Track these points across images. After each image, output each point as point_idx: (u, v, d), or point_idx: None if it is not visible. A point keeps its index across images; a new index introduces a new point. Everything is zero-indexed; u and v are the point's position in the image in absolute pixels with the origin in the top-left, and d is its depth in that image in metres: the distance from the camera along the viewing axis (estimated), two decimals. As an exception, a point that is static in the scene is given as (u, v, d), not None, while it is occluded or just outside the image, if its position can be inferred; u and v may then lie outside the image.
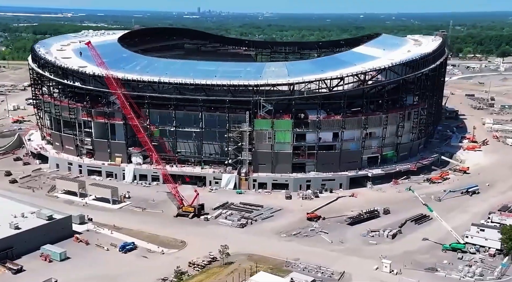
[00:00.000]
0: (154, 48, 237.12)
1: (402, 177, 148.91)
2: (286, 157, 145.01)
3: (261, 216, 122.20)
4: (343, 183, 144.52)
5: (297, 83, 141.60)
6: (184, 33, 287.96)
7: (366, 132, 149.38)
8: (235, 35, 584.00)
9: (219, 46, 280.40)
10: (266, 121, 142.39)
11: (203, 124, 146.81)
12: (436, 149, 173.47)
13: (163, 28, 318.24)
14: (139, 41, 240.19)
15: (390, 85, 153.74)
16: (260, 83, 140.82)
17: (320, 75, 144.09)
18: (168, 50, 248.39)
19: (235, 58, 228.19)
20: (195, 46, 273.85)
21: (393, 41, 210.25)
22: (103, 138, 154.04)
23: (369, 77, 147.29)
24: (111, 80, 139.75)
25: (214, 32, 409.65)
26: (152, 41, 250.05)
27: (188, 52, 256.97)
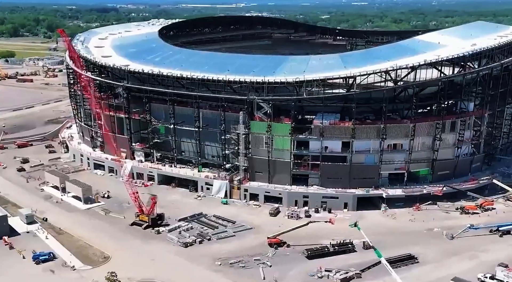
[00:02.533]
0: (235, 37, 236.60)
1: (427, 202, 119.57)
2: (285, 166, 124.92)
3: (220, 234, 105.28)
4: (348, 202, 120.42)
5: (297, 82, 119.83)
6: (270, 23, 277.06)
7: (388, 143, 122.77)
8: (412, 24, 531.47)
9: (305, 36, 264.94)
10: (263, 124, 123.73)
11: (200, 123, 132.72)
12: (503, 168, 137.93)
13: (248, 16, 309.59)
14: (224, 30, 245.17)
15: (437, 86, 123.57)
16: (257, 80, 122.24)
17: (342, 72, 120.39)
18: (253, 39, 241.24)
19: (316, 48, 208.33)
20: (285, 35, 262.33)
21: (486, 28, 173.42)
22: (111, 131, 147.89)
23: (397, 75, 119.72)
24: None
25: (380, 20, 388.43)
26: (236, 29, 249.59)
27: (276, 42, 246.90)
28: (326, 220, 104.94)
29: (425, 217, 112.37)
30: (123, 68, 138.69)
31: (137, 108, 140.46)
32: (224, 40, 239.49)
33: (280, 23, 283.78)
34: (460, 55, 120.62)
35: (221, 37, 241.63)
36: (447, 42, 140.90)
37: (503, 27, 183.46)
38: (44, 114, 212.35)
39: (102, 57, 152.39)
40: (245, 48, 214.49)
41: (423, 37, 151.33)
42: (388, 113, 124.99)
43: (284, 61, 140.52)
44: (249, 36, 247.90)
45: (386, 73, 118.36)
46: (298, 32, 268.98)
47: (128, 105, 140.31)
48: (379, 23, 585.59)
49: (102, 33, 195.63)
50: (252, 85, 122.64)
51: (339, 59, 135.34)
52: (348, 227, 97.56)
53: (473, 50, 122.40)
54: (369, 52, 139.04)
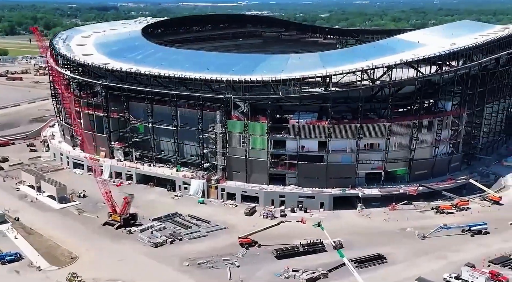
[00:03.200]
0: (225, 35, 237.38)
1: (403, 202, 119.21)
2: (262, 165, 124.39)
3: (193, 234, 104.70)
4: (324, 202, 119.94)
5: (273, 81, 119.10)
6: (260, 21, 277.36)
7: (365, 143, 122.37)
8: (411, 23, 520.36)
9: (296, 34, 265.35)
10: (240, 123, 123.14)
11: (178, 122, 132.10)
12: (482, 168, 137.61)
13: (239, 15, 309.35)
14: (214, 28, 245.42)
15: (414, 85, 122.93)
16: (233, 79, 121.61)
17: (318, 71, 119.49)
18: (244, 38, 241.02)
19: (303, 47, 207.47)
20: (275, 34, 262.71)
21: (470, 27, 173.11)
22: (91, 130, 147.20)
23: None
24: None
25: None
26: (226, 28, 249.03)
27: (267, 40, 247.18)
28: (298, 219, 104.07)
29: (399, 217, 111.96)
30: (102, 66, 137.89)
31: (116, 107, 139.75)
32: (213, 38, 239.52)
33: (270, 21, 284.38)
34: (436, 55, 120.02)
35: (211, 35, 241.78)
36: (427, 41, 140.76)
37: (488, 26, 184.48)
38: (30, 112, 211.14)
39: (82, 56, 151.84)
40: (235, 46, 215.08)
41: (404, 36, 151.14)
42: (365, 112, 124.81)
43: (264, 60, 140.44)
44: (240, 35, 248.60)
45: (363, 72, 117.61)
46: (289, 30, 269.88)
47: (106, 103, 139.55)
48: (379, 22, 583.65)
49: (86, 31, 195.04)
50: (229, 84, 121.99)
51: (318, 58, 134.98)
52: (312, 227, 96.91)
53: (450, 50, 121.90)
54: (349, 52, 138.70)
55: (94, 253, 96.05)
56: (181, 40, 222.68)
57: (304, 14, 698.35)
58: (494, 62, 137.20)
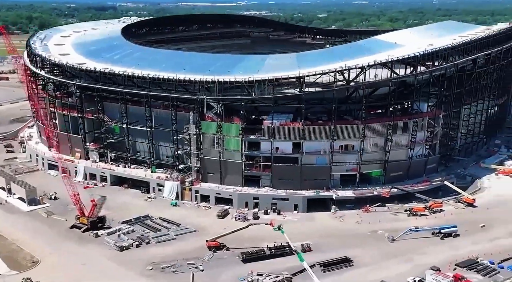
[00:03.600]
0: (212, 35, 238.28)
1: (376, 204, 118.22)
2: (236, 167, 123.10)
3: (161, 237, 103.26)
4: (298, 204, 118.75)
5: (247, 82, 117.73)
6: (248, 21, 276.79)
7: (340, 144, 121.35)
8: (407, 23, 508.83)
9: (284, 35, 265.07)
10: (214, 124, 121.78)
11: (153, 122, 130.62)
12: (459, 170, 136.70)
13: (227, 15, 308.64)
14: (200, 28, 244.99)
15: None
16: (206, 80, 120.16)
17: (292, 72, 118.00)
18: (232, 38, 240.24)
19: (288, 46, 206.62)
20: (264, 34, 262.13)
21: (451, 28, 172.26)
22: (66, 131, 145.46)
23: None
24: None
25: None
26: (213, 28, 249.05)
27: (255, 40, 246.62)
28: (267, 222, 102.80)
29: (372, 219, 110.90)
30: (76, 66, 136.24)
31: (91, 108, 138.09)
32: (200, 38, 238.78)
33: (259, 22, 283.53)
34: (411, 56, 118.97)
35: (198, 35, 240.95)
36: (405, 42, 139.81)
37: (470, 27, 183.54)
38: (11, 113, 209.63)
39: (59, 55, 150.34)
40: (222, 46, 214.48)
41: (382, 36, 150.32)
42: (341, 114, 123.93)
43: (241, 60, 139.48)
44: (227, 35, 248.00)
45: (336, 73, 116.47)
46: (277, 31, 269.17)
47: (81, 104, 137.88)
48: (375, 22, 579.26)
49: (67, 30, 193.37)
50: (202, 84, 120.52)
51: (295, 59, 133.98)
52: (273, 230, 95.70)
53: (424, 51, 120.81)
54: (326, 52, 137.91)
55: (57, 257, 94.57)
56: (166, 40, 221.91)
57: (302, 14, 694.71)
58: (471, 63, 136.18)
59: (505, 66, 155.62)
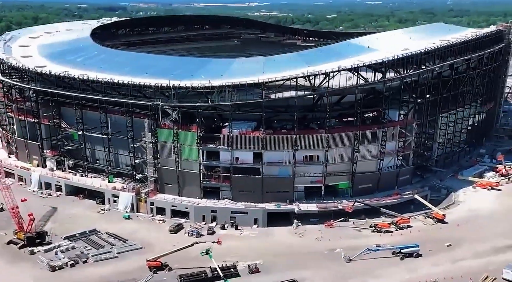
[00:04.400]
0: (199, 36, 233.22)
1: (340, 219, 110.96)
2: (194, 178, 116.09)
3: (101, 256, 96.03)
4: (258, 218, 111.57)
5: (203, 88, 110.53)
6: (238, 23, 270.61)
7: (304, 154, 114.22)
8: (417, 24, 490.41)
9: (273, 36, 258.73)
10: (170, 132, 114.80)
11: (109, 129, 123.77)
12: (435, 182, 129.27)
13: (215, 16, 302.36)
14: (187, 29, 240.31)
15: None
16: (161, 85, 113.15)
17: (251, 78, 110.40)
18: (221, 40, 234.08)
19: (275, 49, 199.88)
20: (253, 36, 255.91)
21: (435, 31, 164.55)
22: (23, 137, 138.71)
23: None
24: None
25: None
26: (200, 29, 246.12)
27: (245, 42, 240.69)
28: (214, 240, 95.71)
29: (333, 235, 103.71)
30: (32, 69, 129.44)
31: (48, 113, 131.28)
32: (187, 40, 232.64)
33: (248, 23, 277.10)
34: (378, 61, 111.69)
35: (184, 36, 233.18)
36: (379, 46, 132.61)
37: (458, 29, 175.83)
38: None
39: (21, 57, 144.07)
40: (211, 48, 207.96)
41: (357, 40, 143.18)
42: (308, 122, 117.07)
43: (207, 63, 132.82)
44: (216, 36, 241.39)
45: (302, 79, 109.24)
46: (267, 32, 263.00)
47: (37, 109, 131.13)
48: (383, 23, 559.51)
49: (38, 31, 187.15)
50: (158, 90, 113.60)
51: (262, 63, 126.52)
52: (200, 254, 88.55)
53: (393, 56, 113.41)
54: (296, 56, 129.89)
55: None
56: (147, 41, 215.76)
57: (312, 15, 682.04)
58: (447, 69, 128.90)
59: (489, 71, 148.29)
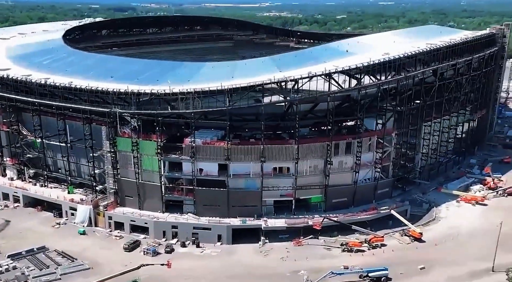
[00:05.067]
0: (189, 37, 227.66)
1: (309, 236, 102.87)
2: (156, 190, 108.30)
3: (41, 278, 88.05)
4: (222, 234, 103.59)
5: (162, 94, 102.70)
6: (229, 24, 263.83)
7: (273, 166, 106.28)
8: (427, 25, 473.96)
9: (265, 38, 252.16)
10: (129, 141, 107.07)
11: (67, 137, 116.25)
12: (417, 195, 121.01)
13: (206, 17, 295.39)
14: (176, 30, 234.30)
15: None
16: (120, 90, 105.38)
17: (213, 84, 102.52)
18: (212, 41, 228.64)
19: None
20: (246, 37, 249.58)
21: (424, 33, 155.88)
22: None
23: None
24: None
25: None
26: (190, 30, 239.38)
27: (238, 43, 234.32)
28: (163, 262, 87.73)
29: (300, 255, 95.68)
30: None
31: (8, 118, 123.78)
32: (175, 41, 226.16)
33: (239, 24, 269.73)
34: (352, 67, 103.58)
35: (172, 37, 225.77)
36: (358, 50, 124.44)
37: (451, 31, 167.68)
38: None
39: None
40: (201, 50, 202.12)
41: (336, 44, 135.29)
42: (279, 131, 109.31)
43: (175, 68, 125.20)
44: (207, 38, 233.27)
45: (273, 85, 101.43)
46: (259, 33, 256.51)
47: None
48: (392, 24, 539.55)
49: (11, 32, 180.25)
50: (116, 96, 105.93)
51: (232, 68, 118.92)
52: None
53: (369, 62, 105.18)
54: (269, 61, 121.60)
55: None
56: (132, 43, 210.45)
57: (322, 15, 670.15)
58: (431, 74, 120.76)
59: (480, 77, 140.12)
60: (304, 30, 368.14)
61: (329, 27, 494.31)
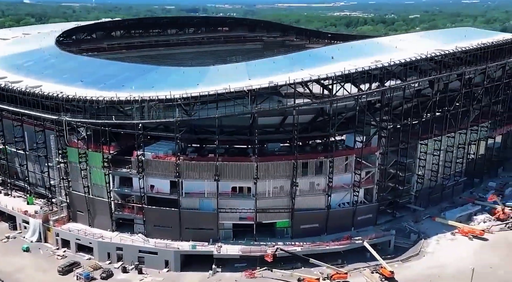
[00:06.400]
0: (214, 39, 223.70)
1: (263, 268, 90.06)
2: (105, 207, 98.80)
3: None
4: (170, 260, 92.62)
5: (109, 102, 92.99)
6: (260, 25, 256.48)
7: (233, 185, 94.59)
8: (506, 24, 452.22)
9: (295, 40, 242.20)
10: (77, 151, 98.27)
11: (26, 144, 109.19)
12: (407, 224, 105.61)
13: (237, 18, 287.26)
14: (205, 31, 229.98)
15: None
16: (68, 97, 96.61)
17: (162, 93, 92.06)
18: (242, 42, 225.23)
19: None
20: (276, 39, 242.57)
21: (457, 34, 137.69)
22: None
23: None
24: None
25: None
26: (224, 31, 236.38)
27: (267, 45, 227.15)
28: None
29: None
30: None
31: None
32: (200, 42, 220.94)
33: (268, 26, 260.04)
34: (321, 77, 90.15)
35: (199, 39, 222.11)
36: (346, 56, 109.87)
37: (488, 34, 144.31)
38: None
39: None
40: (227, 52, 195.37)
41: (322, 49, 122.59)
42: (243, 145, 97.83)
43: (149, 72, 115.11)
44: (236, 39, 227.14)
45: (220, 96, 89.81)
46: (288, 35, 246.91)
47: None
48: (466, 24, 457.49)
49: (17, 32, 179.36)
50: (64, 102, 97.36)
51: (201, 74, 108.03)
52: None
53: (343, 71, 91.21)
54: (243, 67, 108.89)
55: None
56: (150, 44, 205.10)
57: (395, 15, 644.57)
58: (427, 86, 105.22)
59: (500, 88, 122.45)
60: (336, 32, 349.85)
61: (396, 27, 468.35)
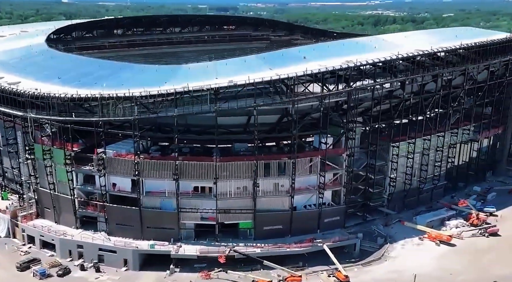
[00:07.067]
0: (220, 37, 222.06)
1: (218, 269, 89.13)
2: (68, 204, 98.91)
3: None
4: (128, 259, 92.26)
5: (71, 99, 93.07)
6: (265, 24, 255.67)
7: (195, 185, 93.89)
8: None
9: (301, 39, 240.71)
10: (43, 148, 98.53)
11: (0, 140, 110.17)
12: (375, 227, 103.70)
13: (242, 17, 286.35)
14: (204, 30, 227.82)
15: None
16: (34, 93, 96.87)
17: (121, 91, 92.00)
18: (249, 41, 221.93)
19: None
20: (281, 38, 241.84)
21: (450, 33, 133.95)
22: None
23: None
24: None
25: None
26: (229, 30, 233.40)
27: (274, 44, 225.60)
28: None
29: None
30: None
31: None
32: (205, 41, 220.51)
33: (273, 24, 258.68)
34: (282, 77, 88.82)
35: (204, 37, 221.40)
36: (319, 56, 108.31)
37: (488, 33, 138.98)
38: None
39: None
40: (232, 50, 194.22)
41: (297, 49, 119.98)
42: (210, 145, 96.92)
43: (123, 69, 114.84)
44: (242, 38, 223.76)
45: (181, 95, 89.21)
46: (294, 34, 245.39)
47: None
48: (499, 23, 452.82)
49: (16, 29, 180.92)
50: (30, 99, 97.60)
51: (173, 72, 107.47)
52: None
53: (305, 71, 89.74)
54: (211, 66, 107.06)
55: None
56: (154, 42, 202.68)
57: (429, 14, 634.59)
58: (399, 88, 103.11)
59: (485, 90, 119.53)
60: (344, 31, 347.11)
61: (425, 26, 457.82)
